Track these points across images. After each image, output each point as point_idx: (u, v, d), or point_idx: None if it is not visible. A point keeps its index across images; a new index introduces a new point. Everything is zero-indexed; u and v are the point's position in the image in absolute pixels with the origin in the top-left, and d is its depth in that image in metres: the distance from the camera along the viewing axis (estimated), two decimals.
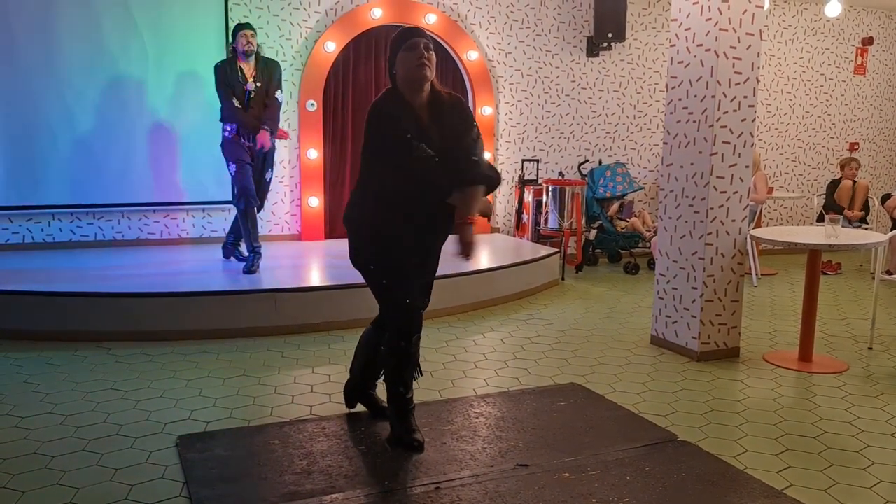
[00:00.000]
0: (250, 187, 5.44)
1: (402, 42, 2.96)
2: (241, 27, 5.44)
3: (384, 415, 3.33)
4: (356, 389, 3.47)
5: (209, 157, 6.29)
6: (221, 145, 5.49)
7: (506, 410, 3.59)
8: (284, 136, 5.84)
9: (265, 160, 5.62)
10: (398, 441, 3.14)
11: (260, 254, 5.52)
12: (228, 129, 5.41)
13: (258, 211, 5.67)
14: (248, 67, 5.40)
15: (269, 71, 5.48)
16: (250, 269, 5.42)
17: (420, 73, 2.93)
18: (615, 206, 7.39)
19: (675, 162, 4.57)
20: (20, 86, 5.98)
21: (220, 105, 5.43)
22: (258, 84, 5.40)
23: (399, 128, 2.91)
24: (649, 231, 7.23)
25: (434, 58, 2.99)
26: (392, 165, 2.96)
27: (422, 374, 3.29)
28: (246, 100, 5.37)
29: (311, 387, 3.91)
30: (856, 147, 8.91)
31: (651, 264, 7.13)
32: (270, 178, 5.76)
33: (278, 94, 5.51)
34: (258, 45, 5.48)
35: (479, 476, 2.89)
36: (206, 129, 5.81)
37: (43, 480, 2.84)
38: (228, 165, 5.47)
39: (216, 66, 5.42)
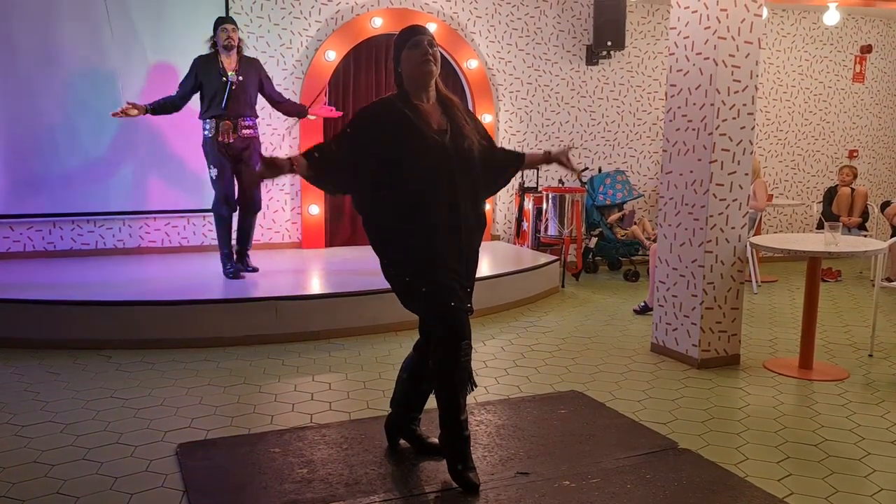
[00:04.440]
0: (230, 194, 5.43)
1: (406, 40, 2.93)
2: (221, 21, 5.43)
3: (428, 452, 3.13)
4: (397, 423, 3.21)
5: None
6: (202, 145, 5.46)
7: (506, 418, 3.59)
8: (334, 113, 5.82)
9: (251, 155, 5.47)
10: (452, 475, 2.87)
11: (232, 256, 5.57)
12: (208, 127, 5.38)
13: (257, 212, 5.67)
14: (230, 61, 5.37)
15: (254, 68, 5.48)
16: (235, 273, 5.47)
17: (426, 68, 2.90)
18: (617, 216, 7.40)
19: (674, 170, 4.58)
20: (21, 94, 6.00)
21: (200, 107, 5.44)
22: (240, 77, 5.36)
23: (368, 130, 2.85)
24: (649, 238, 7.24)
25: (438, 54, 2.96)
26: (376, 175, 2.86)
27: (475, 387, 3.01)
28: (226, 92, 5.32)
29: (311, 395, 3.91)
30: (855, 155, 8.93)
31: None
32: None
33: (279, 90, 5.54)
34: (240, 40, 5.45)
35: (480, 484, 2.88)
36: None
37: (43, 489, 2.84)
38: (210, 169, 5.44)
39: (193, 60, 5.41)
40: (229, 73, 5.33)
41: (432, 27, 6.89)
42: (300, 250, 6.85)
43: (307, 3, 6.72)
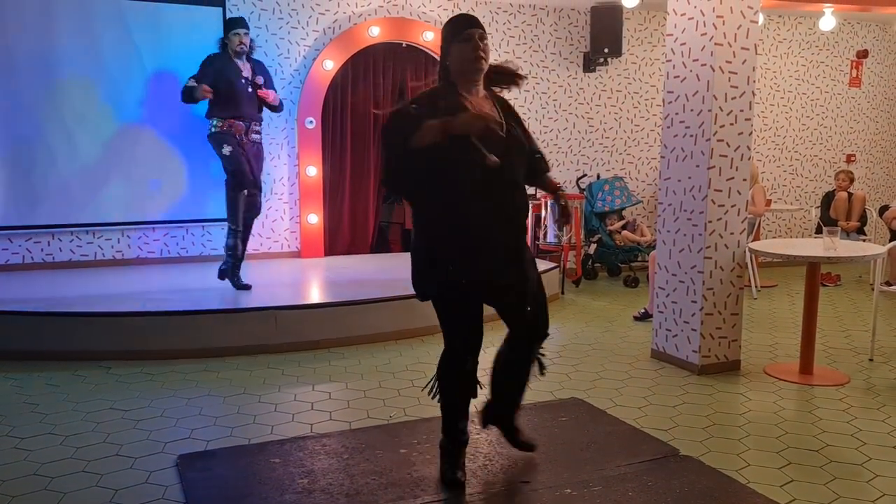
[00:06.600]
0: (246, 170, 5.32)
1: (457, 33, 2.84)
2: (234, 24, 5.41)
3: (518, 447, 3.20)
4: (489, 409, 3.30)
5: (208, 175, 6.32)
6: (209, 138, 5.39)
7: None
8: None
9: (257, 159, 5.50)
10: (441, 474, 2.96)
11: (236, 256, 5.47)
12: (216, 123, 5.32)
13: (256, 215, 5.53)
14: (244, 66, 5.40)
15: (261, 72, 5.51)
16: (224, 275, 5.48)
17: (477, 65, 2.81)
18: (619, 224, 7.41)
19: (672, 176, 4.58)
20: (19, 105, 6.01)
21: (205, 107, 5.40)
22: (256, 80, 5.41)
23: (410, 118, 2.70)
24: (643, 236, 7.28)
25: (489, 48, 2.88)
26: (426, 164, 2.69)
27: (475, 396, 3.08)
28: (246, 96, 5.33)
29: (311, 404, 3.90)
30: (852, 159, 8.94)
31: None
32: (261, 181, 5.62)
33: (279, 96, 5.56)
34: (251, 41, 5.47)
35: (481, 493, 2.88)
36: (204, 147, 5.81)
37: (42, 502, 2.83)
38: (222, 149, 5.28)
39: (207, 57, 5.37)
40: (246, 77, 5.36)
41: (429, 35, 6.91)
42: (299, 259, 6.85)
43: (305, 12, 6.74)
